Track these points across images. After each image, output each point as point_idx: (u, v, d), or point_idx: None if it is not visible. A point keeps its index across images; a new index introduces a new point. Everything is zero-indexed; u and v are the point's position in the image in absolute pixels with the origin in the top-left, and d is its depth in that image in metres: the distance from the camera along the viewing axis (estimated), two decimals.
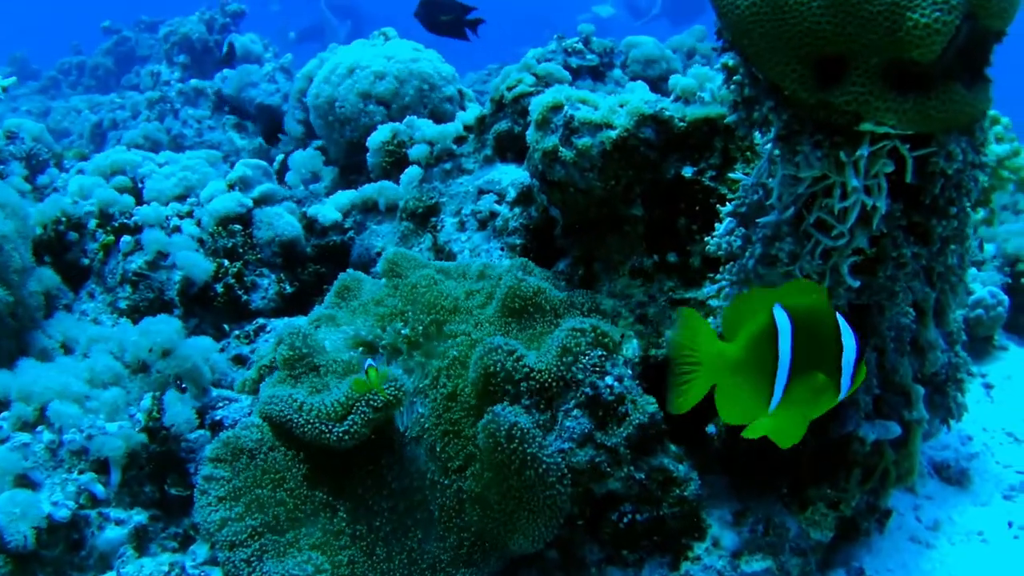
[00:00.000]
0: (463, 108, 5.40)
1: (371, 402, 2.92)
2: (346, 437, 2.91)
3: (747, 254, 2.67)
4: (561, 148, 3.23)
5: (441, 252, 4.04)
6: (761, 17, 2.24)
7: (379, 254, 4.30)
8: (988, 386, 4.67)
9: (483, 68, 10.10)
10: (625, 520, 2.99)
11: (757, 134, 3.20)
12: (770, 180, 2.62)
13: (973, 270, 5.01)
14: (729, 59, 2.46)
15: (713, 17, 2.41)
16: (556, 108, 3.29)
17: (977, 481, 3.91)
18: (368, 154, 4.79)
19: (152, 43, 11.80)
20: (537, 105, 3.32)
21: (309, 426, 2.94)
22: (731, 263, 2.79)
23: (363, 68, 5.23)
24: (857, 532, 3.40)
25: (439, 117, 5.05)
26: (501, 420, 2.80)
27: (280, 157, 5.85)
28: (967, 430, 4.21)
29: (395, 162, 4.66)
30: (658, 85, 6.36)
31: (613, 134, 3.18)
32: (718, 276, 2.87)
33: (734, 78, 2.44)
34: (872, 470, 3.27)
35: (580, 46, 6.62)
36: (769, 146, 2.58)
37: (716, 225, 3.00)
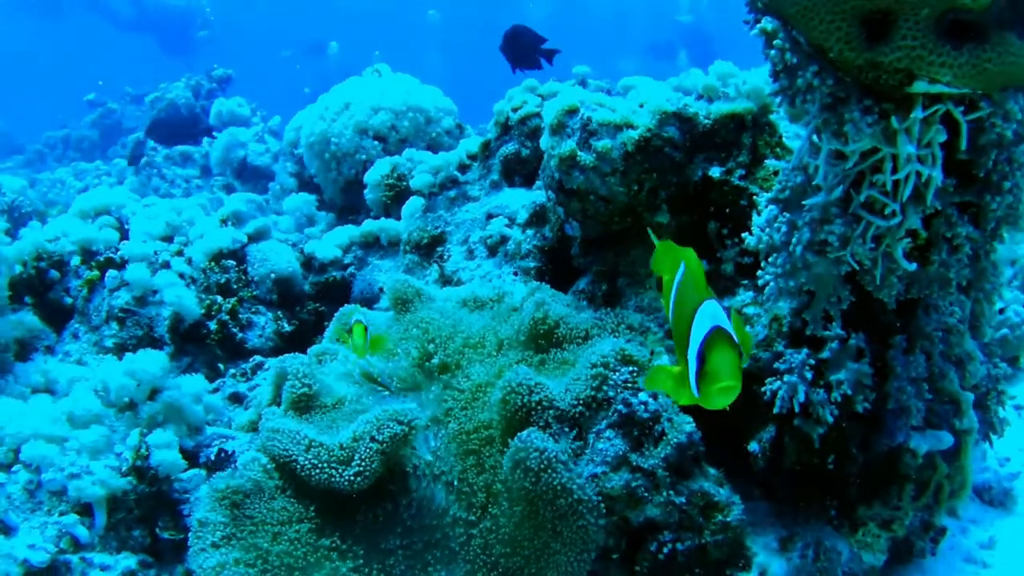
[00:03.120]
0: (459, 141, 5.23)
1: (378, 437, 2.67)
2: (358, 480, 2.65)
3: (794, 241, 2.44)
4: (579, 152, 3.02)
5: (449, 283, 3.81)
6: None
7: (382, 289, 4.07)
8: (1019, 407, 4.46)
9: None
10: (665, 550, 2.72)
11: (785, 124, 3.02)
12: (812, 160, 2.41)
13: None
14: (768, 23, 2.26)
15: None
16: (572, 112, 3.09)
17: (1021, 503, 3.70)
18: (367, 190, 4.59)
19: (138, 114, 11.75)
20: (551, 109, 3.12)
21: (316, 470, 2.68)
22: (774, 255, 2.57)
23: (358, 103, 5.06)
24: (910, 553, 3.14)
25: (437, 150, 4.86)
26: (529, 448, 2.55)
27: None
28: (1003, 451, 3.97)
29: (395, 196, 4.46)
30: None
31: (635, 134, 2.97)
32: (760, 272, 2.65)
33: (774, 42, 2.25)
34: (925, 485, 3.02)
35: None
36: (813, 122, 2.38)
37: (753, 217, 2.79)
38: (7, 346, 3.64)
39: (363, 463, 2.65)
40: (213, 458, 3.05)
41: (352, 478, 2.65)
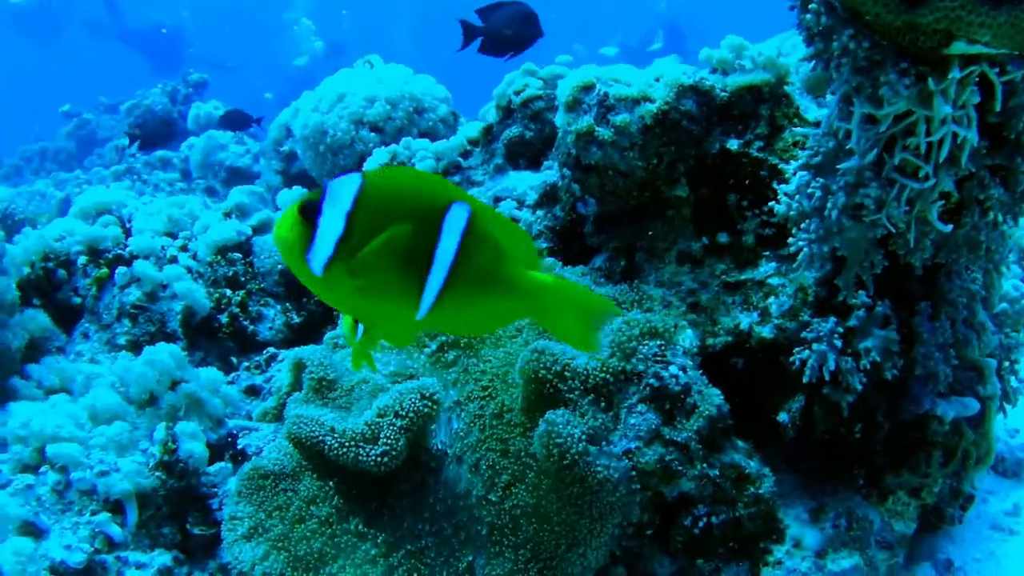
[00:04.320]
0: (456, 130, 5.18)
1: (402, 414, 2.64)
2: (385, 459, 2.62)
3: (829, 205, 2.44)
4: (597, 127, 3.00)
5: None
6: None
7: None
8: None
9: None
10: (700, 524, 2.72)
11: (810, 103, 3.02)
12: (843, 124, 2.41)
13: None
14: None
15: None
16: (587, 88, 3.07)
17: None
18: None
19: (112, 124, 11.61)
20: (566, 86, 3.10)
21: (344, 449, 2.65)
22: (806, 222, 2.56)
23: (353, 94, 5.00)
24: (941, 520, 3.16)
25: (434, 138, 4.81)
26: (559, 425, 2.52)
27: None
28: (1012, 423, 3.99)
29: None
30: None
31: (653, 107, 2.96)
32: (791, 239, 2.64)
33: (809, 6, 2.24)
34: (952, 452, 3.04)
35: None
36: (842, 87, 2.37)
37: (780, 186, 2.79)
38: (20, 348, 3.57)
39: (389, 441, 2.62)
40: (239, 449, 3.00)
41: (379, 457, 2.62)
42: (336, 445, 2.66)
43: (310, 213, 1.42)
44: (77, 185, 8.96)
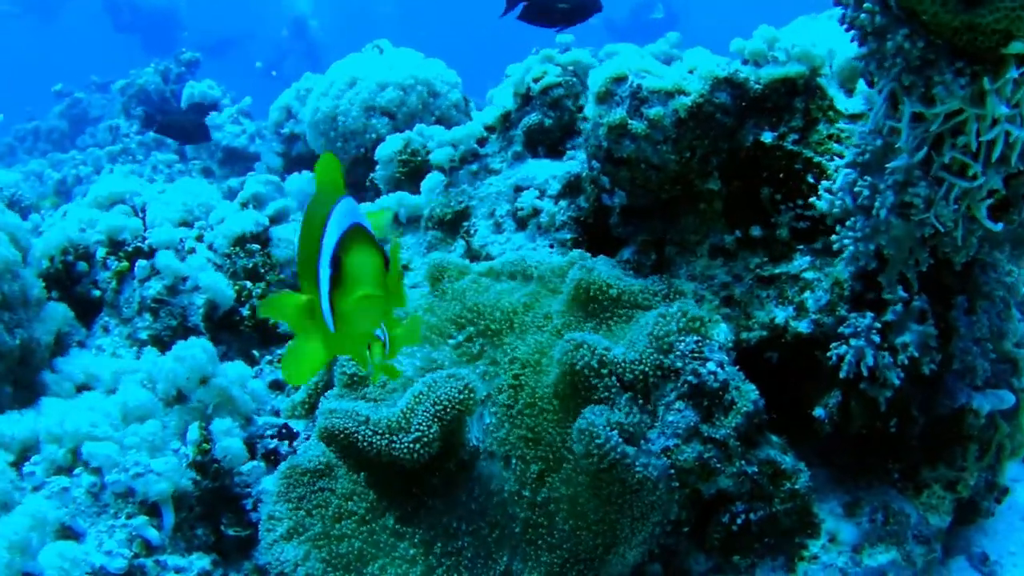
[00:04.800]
0: (468, 115, 5.12)
1: (436, 401, 2.59)
2: (417, 446, 2.57)
3: (877, 204, 2.42)
4: (630, 120, 2.96)
5: (476, 258, 3.73)
6: None
7: (406, 267, 3.99)
8: None
9: None
10: (738, 521, 2.72)
11: (840, 94, 2.99)
12: (890, 122, 2.39)
13: None
14: None
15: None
16: (620, 79, 3.02)
17: None
18: (378, 166, 4.48)
19: (104, 103, 11.56)
20: (598, 77, 3.05)
21: (377, 437, 2.60)
22: (852, 219, 2.54)
23: (364, 79, 4.94)
24: (975, 513, 3.16)
25: (447, 124, 4.75)
26: (597, 422, 2.50)
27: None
28: None
29: (410, 172, 4.35)
30: None
31: (688, 100, 2.92)
32: (835, 237, 2.62)
33: (864, 5, 2.21)
34: (987, 445, 3.05)
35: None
36: (889, 85, 2.35)
37: (821, 184, 2.77)
38: (49, 344, 3.52)
39: (421, 428, 2.57)
40: (271, 448, 2.97)
41: (411, 445, 2.56)
42: (370, 434, 2.61)
43: None
44: (74, 167, 8.88)
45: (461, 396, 2.61)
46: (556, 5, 4.42)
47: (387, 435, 2.60)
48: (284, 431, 3.04)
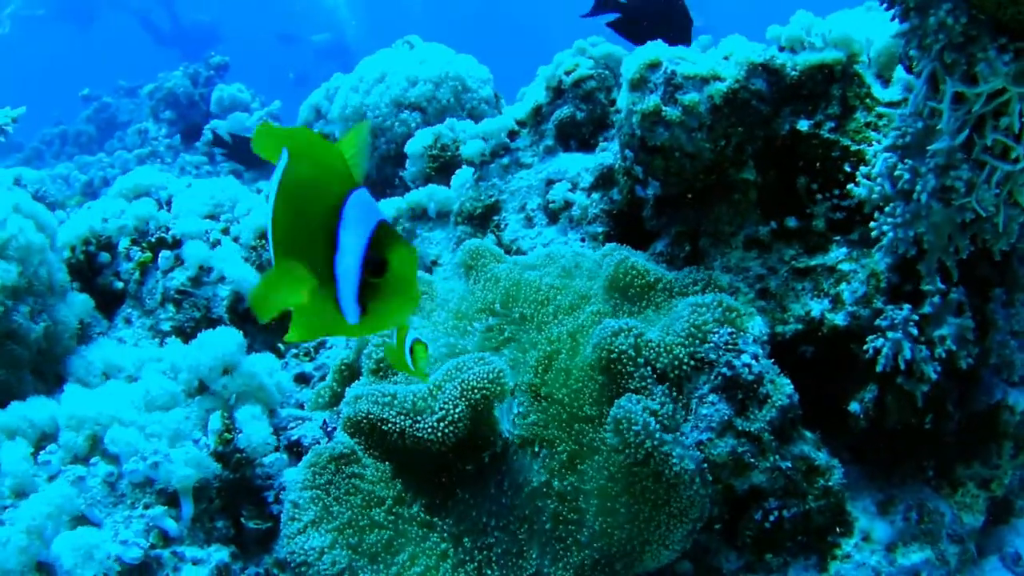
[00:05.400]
0: (499, 111, 5.07)
1: (458, 376, 2.54)
2: (442, 425, 2.51)
3: (918, 188, 2.34)
4: (664, 107, 2.90)
5: (507, 252, 3.68)
6: None
7: (435, 262, 3.94)
8: None
9: None
10: (771, 518, 2.64)
11: (876, 84, 2.92)
12: (932, 104, 2.31)
13: None
14: None
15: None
16: (654, 66, 2.96)
17: None
18: (407, 162, 4.44)
19: (132, 107, 11.65)
20: (631, 64, 2.99)
21: (401, 417, 2.54)
22: (891, 205, 2.46)
23: (394, 74, 4.90)
24: (1009, 513, 3.08)
25: (477, 119, 4.71)
26: (635, 409, 2.43)
27: None
28: None
29: (440, 167, 4.31)
30: None
31: (723, 87, 2.85)
32: (873, 224, 2.54)
33: None
34: (1022, 441, 2.95)
35: None
36: (930, 66, 2.27)
37: (860, 170, 2.69)
38: (74, 331, 3.49)
39: (447, 406, 2.52)
40: (294, 440, 2.92)
41: (436, 424, 2.51)
42: (394, 415, 2.56)
43: None
44: (101, 169, 8.93)
45: (491, 378, 2.56)
46: (644, 23, 4.26)
47: (412, 414, 2.55)
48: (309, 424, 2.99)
